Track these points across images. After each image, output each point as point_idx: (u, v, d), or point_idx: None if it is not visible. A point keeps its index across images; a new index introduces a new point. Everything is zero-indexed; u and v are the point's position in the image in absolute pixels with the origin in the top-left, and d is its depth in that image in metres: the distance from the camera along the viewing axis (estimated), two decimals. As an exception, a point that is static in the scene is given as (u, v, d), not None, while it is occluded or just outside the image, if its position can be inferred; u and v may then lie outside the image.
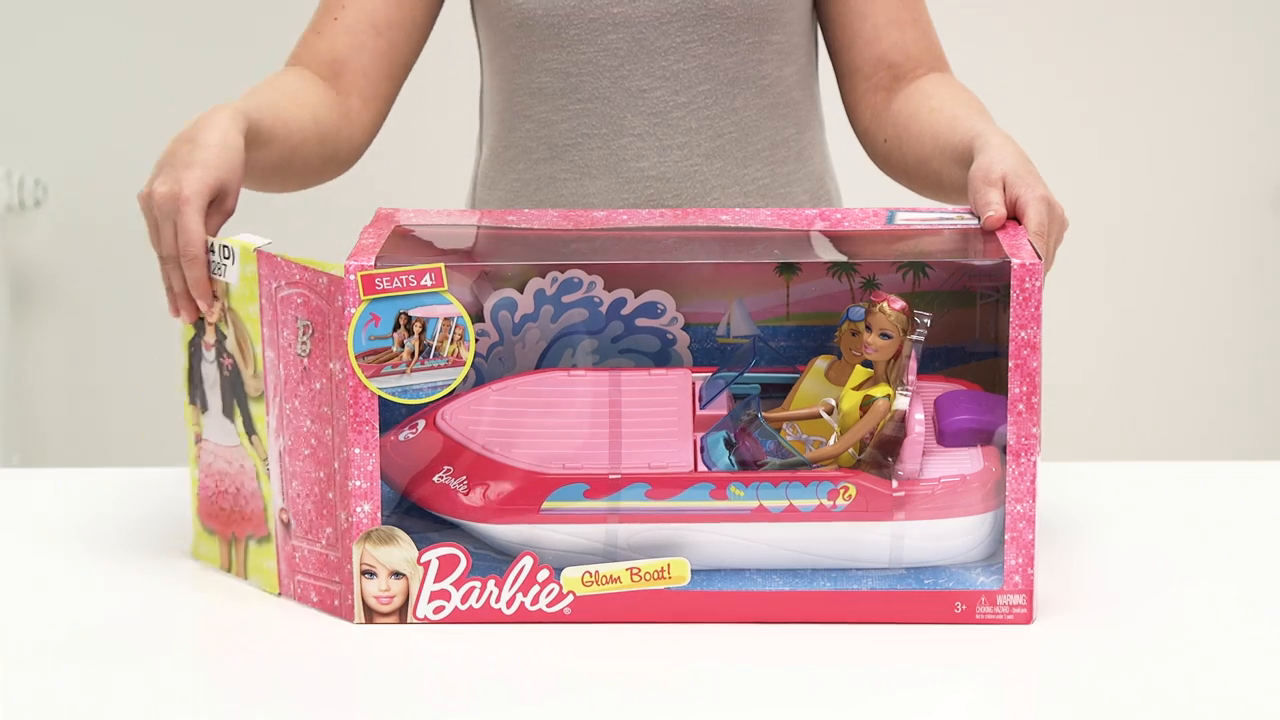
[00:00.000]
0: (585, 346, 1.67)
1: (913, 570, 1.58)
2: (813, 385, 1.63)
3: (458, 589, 1.56)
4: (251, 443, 1.51)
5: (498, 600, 1.56)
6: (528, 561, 1.56)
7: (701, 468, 1.59)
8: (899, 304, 1.58)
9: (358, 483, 1.55)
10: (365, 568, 1.56)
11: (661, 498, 1.56)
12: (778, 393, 1.66)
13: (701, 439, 1.60)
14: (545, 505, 1.57)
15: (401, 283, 1.54)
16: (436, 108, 2.30)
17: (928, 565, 1.57)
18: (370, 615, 1.57)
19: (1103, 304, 3.58)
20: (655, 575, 1.56)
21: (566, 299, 1.66)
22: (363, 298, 1.54)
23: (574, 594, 1.56)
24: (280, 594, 1.60)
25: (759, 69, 1.91)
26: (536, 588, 1.56)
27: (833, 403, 1.60)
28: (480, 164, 2.02)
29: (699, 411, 1.63)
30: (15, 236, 3.54)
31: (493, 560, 1.57)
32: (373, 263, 1.54)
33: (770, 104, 1.93)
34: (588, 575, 1.56)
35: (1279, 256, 3.58)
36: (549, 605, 1.56)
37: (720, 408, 1.63)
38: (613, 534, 1.57)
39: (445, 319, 1.55)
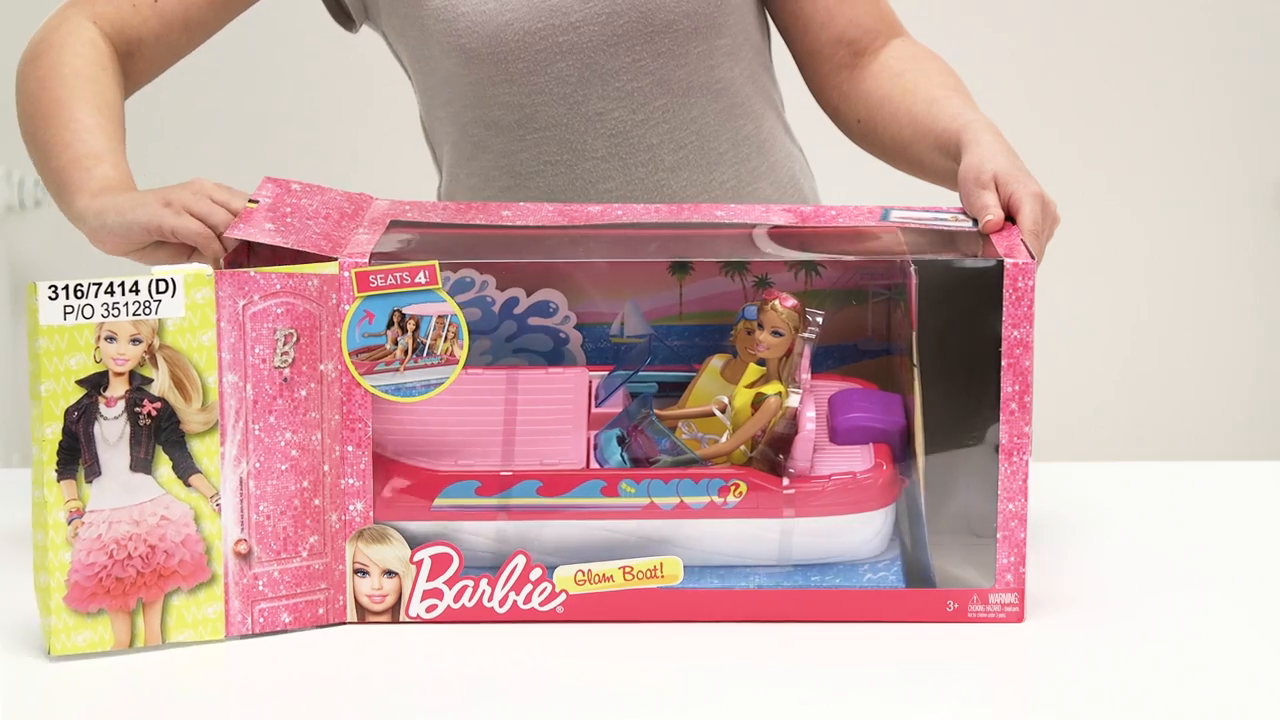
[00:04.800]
0: (478, 346, 1.67)
1: (907, 569, 1.58)
2: (708, 383, 1.64)
3: (450, 588, 1.56)
4: (189, 484, 1.48)
5: (490, 599, 1.56)
6: (520, 560, 1.56)
7: (594, 465, 1.59)
8: (790, 302, 1.59)
9: (351, 480, 1.56)
10: (358, 566, 1.56)
11: (553, 494, 1.56)
12: (676, 391, 1.67)
13: (595, 436, 1.61)
14: (436, 502, 1.57)
15: (396, 280, 1.54)
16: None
17: (816, 562, 1.58)
18: (363, 614, 1.57)
19: (1100, 303, 3.58)
20: (648, 574, 1.56)
21: (459, 299, 1.65)
22: (357, 295, 1.54)
23: (566, 593, 1.56)
24: (227, 636, 1.53)
25: (711, 74, 1.90)
26: (529, 587, 1.56)
27: (725, 400, 1.61)
28: (441, 189, 2.00)
29: (595, 409, 1.64)
30: (15, 236, 3.54)
31: (485, 559, 1.57)
32: (367, 260, 1.54)
33: (726, 106, 1.92)
34: (580, 574, 1.56)
35: (1279, 256, 3.58)
36: (541, 604, 1.56)
37: (616, 406, 1.64)
38: (503, 531, 1.57)
39: (439, 317, 1.55)
